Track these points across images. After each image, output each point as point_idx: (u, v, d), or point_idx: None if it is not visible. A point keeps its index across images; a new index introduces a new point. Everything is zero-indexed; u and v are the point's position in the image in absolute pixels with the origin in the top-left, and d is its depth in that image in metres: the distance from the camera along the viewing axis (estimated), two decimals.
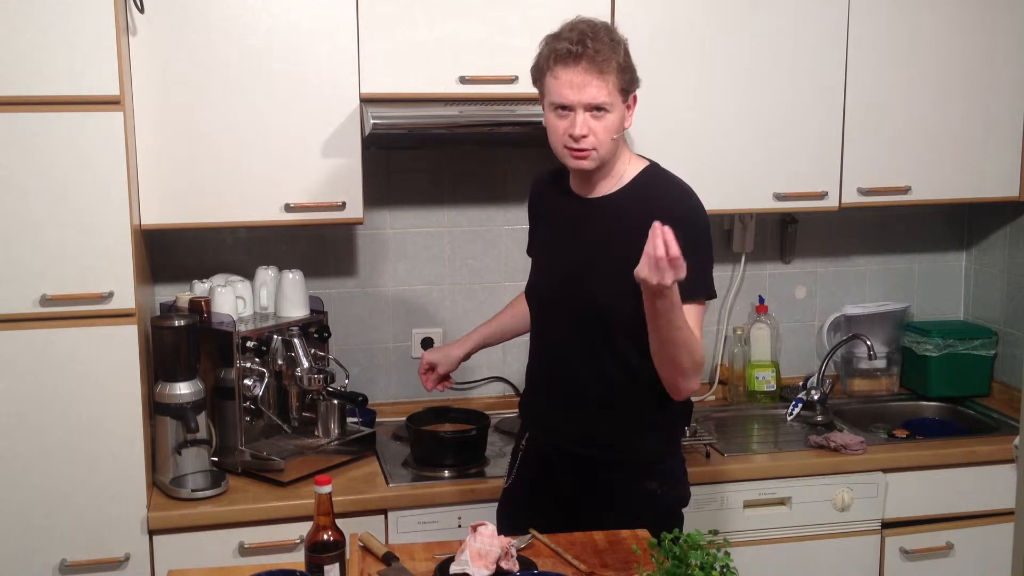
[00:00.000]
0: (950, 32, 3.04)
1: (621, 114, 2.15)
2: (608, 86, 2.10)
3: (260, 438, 2.75)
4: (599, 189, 2.26)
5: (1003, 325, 3.39)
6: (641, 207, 2.17)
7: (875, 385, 3.44)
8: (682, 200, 2.20)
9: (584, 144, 2.13)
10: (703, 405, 3.29)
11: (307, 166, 2.69)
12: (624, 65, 2.13)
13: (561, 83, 2.11)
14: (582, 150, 2.14)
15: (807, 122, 2.99)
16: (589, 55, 2.08)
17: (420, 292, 3.20)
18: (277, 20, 2.63)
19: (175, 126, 2.60)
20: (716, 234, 3.36)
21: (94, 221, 2.39)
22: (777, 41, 2.93)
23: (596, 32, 2.11)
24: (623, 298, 2.13)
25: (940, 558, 2.96)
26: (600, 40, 2.10)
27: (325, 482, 1.93)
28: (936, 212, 3.51)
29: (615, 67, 2.10)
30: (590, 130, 2.12)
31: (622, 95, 2.14)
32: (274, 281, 2.82)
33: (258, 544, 2.55)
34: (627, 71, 2.14)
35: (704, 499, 2.76)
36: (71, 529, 2.46)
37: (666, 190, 2.22)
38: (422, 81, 2.73)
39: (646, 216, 2.15)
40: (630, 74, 2.15)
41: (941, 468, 2.94)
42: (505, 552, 1.95)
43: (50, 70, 2.32)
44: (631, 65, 2.15)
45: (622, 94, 2.14)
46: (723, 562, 1.79)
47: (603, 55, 2.08)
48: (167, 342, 2.60)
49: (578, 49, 2.08)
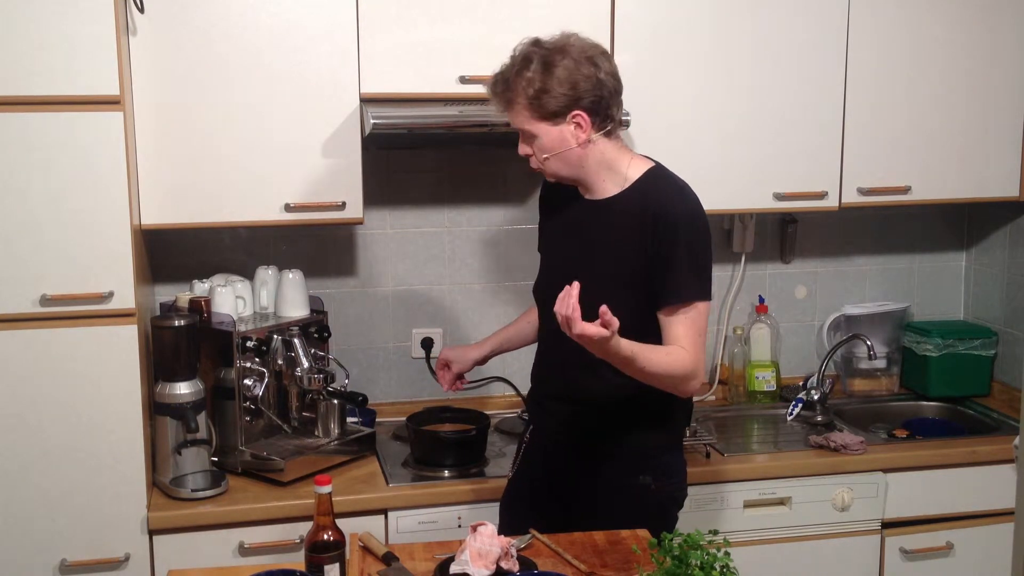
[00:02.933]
0: (950, 32, 3.04)
1: (555, 135, 2.21)
2: (517, 117, 2.22)
3: (260, 438, 2.75)
4: (601, 191, 2.28)
5: (1003, 325, 3.39)
6: (639, 209, 2.21)
7: (875, 385, 3.44)
8: (680, 203, 2.22)
9: (532, 162, 2.28)
10: (703, 405, 3.29)
11: (307, 166, 2.69)
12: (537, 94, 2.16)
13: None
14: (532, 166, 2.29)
15: (807, 122, 2.99)
16: (497, 93, 2.24)
17: (420, 292, 3.20)
18: (277, 20, 2.63)
19: (175, 126, 2.60)
20: (716, 234, 3.36)
21: (94, 221, 2.39)
22: (777, 41, 2.93)
23: (505, 67, 2.22)
24: (617, 297, 2.15)
25: (940, 558, 2.96)
26: (503, 75, 2.21)
27: (325, 482, 1.93)
28: (936, 212, 3.51)
29: (524, 101, 2.19)
30: (527, 152, 2.27)
31: (546, 120, 2.19)
32: (274, 281, 2.82)
33: (258, 544, 2.55)
34: (541, 97, 2.17)
35: (704, 499, 2.76)
36: (71, 529, 2.46)
37: (664, 192, 2.23)
38: (422, 81, 2.73)
39: (645, 218, 2.19)
40: (546, 98, 2.16)
41: (941, 468, 2.94)
42: (505, 552, 1.95)
43: (50, 70, 2.32)
44: (553, 89, 2.16)
45: (545, 120, 2.19)
46: (723, 562, 1.80)
47: (508, 95, 2.21)
48: (167, 342, 2.60)
49: (491, 89, 2.25)
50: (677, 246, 2.17)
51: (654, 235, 2.18)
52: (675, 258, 2.17)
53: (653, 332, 2.20)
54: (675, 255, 2.17)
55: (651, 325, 2.21)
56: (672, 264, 2.17)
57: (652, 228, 2.18)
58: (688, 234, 2.19)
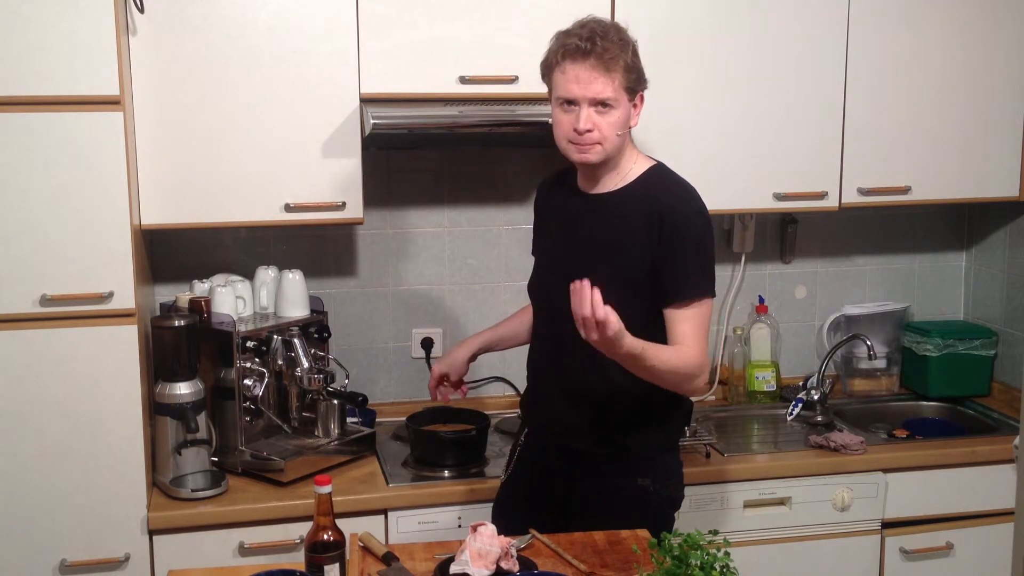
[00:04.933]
0: (950, 32, 3.04)
1: (627, 111, 2.20)
2: (614, 83, 2.15)
3: (260, 438, 2.75)
4: (603, 185, 2.28)
5: (1003, 325, 3.39)
6: (642, 206, 2.22)
7: (875, 385, 3.44)
8: (684, 200, 2.23)
9: (588, 138, 2.18)
10: (703, 405, 3.29)
11: (307, 166, 2.69)
12: (631, 65, 2.18)
13: (568, 78, 2.17)
14: (586, 144, 2.18)
15: (807, 122, 2.99)
16: (597, 52, 2.13)
17: (420, 292, 3.20)
18: (277, 20, 2.63)
19: (175, 126, 2.60)
20: (716, 234, 3.36)
21: (94, 221, 2.39)
22: (777, 41, 2.93)
23: (606, 31, 2.16)
24: (618, 293, 2.15)
25: (940, 558, 2.96)
26: (609, 39, 2.15)
27: (325, 482, 1.93)
28: (936, 212, 3.51)
29: (622, 66, 2.15)
30: (595, 124, 2.17)
31: (628, 93, 2.18)
32: (274, 281, 2.82)
33: (258, 544, 2.55)
34: (634, 71, 2.18)
35: (704, 499, 2.76)
36: (71, 529, 2.46)
37: (668, 190, 2.25)
38: (422, 81, 2.73)
39: (647, 215, 2.19)
40: (636, 74, 2.20)
41: (941, 468, 2.94)
42: (505, 552, 1.95)
43: (50, 70, 2.32)
44: (639, 66, 2.21)
45: (628, 92, 2.18)
46: (723, 562, 1.80)
47: (611, 53, 2.14)
48: (167, 342, 2.60)
49: (587, 46, 2.13)
50: (684, 244, 2.18)
51: (660, 233, 2.18)
52: (683, 256, 2.18)
53: (651, 326, 2.20)
54: (683, 253, 2.18)
55: (649, 319, 2.20)
56: (680, 262, 2.18)
57: (658, 226, 2.18)
58: (695, 232, 2.20)
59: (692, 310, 2.19)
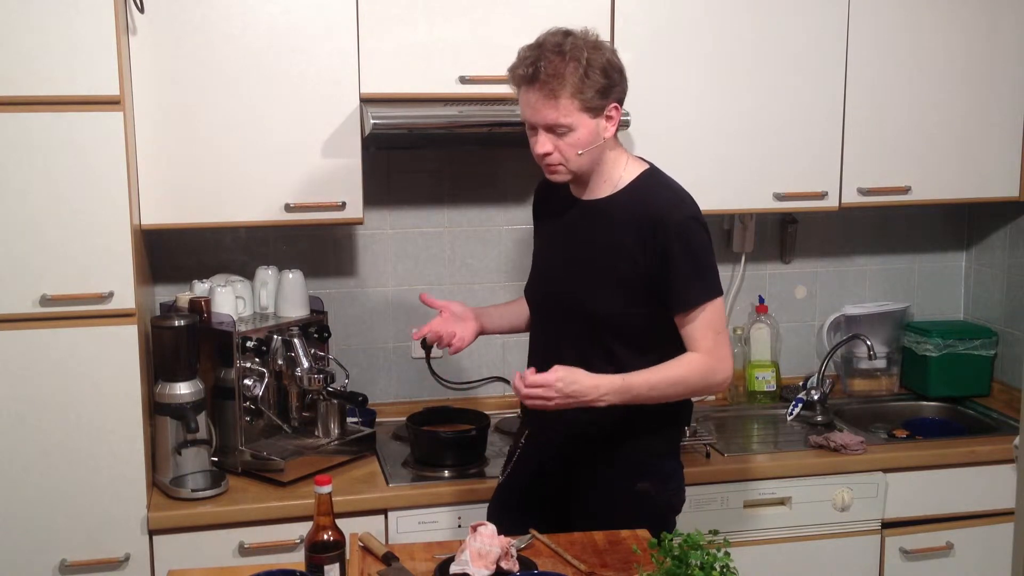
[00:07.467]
0: (950, 32, 3.04)
1: (590, 129, 2.15)
2: (561, 108, 2.10)
3: (260, 438, 2.75)
4: (595, 192, 2.27)
5: (1003, 325, 3.39)
6: (636, 211, 2.20)
7: (875, 385, 3.44)
8: (678, 208, 2.20)
9: (549, 160, 2.17)
10: (703, 405, 3.28)
11: (307, 166, 2.69)
12: (588, 83, 2.10)
13: (522, 103, 2.16)
14: (548, 166, 2.19)
15: (807, 122, 2.99)
16: (542, 80, 2.09)
17: (420, 292, 3.19)
18: (277, 20, 2.63)
19: (175, 126, 2.60)
20: (716, 234, 3.36)
21: (94, 221, 2.39)
22: (777, 41, 2.93)
23: (555, 54, 2.10)
24: (613, 301, 2.17)
25: (940, 558, 2.96)
26: (555, 64, 2.08)
27: (325, 482, 1.93)
28: (936, 212, 3.51)
29: (570, 91, 2.09)
30: (554, 147, 2.15)
31: (588, 112, 2.13)
32: (274, 281, 2.82)
33: (258, 544, 2.55)
34: (592, 88, 2.11)
35: (704, 499, 2.76)
36: (71, 529, 2.46)
37: (661, 196, 2.22)
38: (422, 81, 2.73)
39: (640, 221, 2.17)
40: (597, 90, 2.12)
41: (941, 468, 2.94)
42: (505, 552, 1.95)
43: (50, 70, 2.32)
44: (602, 81, 2.12)
45: (587, 112, 2.13)
46: (723, 562, 1.80)
47: (557, 80, 2.08)
48: (167, 342, 2.60)
49: (531, 72, 2.10)
50: (679, 254, 2.16)
51: (654, 241, 2.16)
52: (678, 266, 2.16)
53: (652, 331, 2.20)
54: (678, 263, 2.16)
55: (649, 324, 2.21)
56: (676, 272, 2.16)
57: (651, 234, 2.16)
58: (688, 240, 2.17)
59: (699, 314, 2.18)
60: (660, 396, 2.18)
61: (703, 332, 2.18)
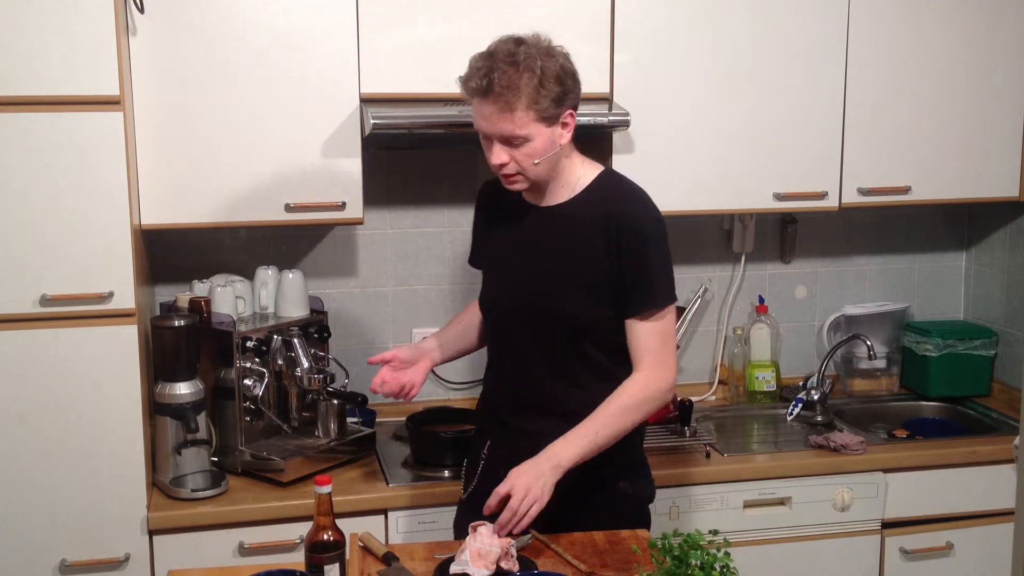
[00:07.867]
0: (950, 32, 3.04)
1: (546, 138, 2.11)
2: (517, 120, 2.07)
3: (260, 438, 2.75)
4: (552, 197, 2.24)
5: (1003, 325, 3.39)
6: (596, 214, 2.17)
7: (875, 385, 3.44)
8: (642, 209, 2.18)
9: (506, 171, 2.14)
10: (703, 405, 3.29)
11: (307, 166, 2.69)
12: (543, 93, 2.06)
13: (475, 114, 2.13)
14: (506, 176, 2.16)
15: (807, 122, 2.99)
16: (495, 92, 2.05)
17: (420, 292, 3.20)
18: (277, 20, 2.63)
19: (175, 126, 2.60)
20: (716, 234, 3.38)
21: (94, 221, 2.39)
22: (777, 41, 2.93)
23: (501, 66, 2.06)
24: (584, 304, 2.16)
25: (940, 558, 2.96)
26: (508, 74, 2.05)
27: (325, 482, 1.93)
28: (936, 212, 3.51)
29: (525, 102, 2.05)
30: (510, 157, 2.12)
31: (544, 122, 2.10)
32: (274, 281, 2.82)
33: (258, 544, 2.55)
34: (547, 97, 2.07)
35: (704, 499, 2.76)
36: (71, 529, 2.46)
37: (623, 197, 2.20)
38: (422, 81, 2.73)
39: (603, 223, 2.15)
40: (552, 99, 2.08)
41: (941, 468, 2.94)
42: (505, 552, 1.95)
43: (50, 70, 2.32)
44: (556, 90, 2.08)
45: (543, 121, 2.09)
46: (723, 562, 1.80)
47: (512, 92, 2.04)
48: (167, 342, 2.60)
49: (484, 83, 2.07)
50: (646, 254, 2.14)
51: (619, 243, 2.13)
52: (646, 266, 2.14)
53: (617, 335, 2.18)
54: (645, 263, 2.14)
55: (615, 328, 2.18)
56: (643, 272, 2.14)
57: (616, 235, 2.13)
58: (654, 240, 2.15)
59: (656, 322, 2.15)
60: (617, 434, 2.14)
61: (656, 342, 2.15)
